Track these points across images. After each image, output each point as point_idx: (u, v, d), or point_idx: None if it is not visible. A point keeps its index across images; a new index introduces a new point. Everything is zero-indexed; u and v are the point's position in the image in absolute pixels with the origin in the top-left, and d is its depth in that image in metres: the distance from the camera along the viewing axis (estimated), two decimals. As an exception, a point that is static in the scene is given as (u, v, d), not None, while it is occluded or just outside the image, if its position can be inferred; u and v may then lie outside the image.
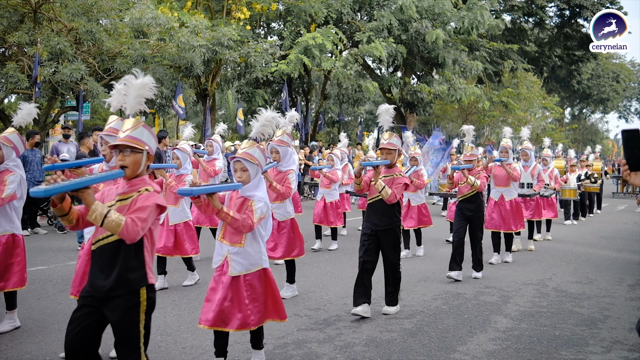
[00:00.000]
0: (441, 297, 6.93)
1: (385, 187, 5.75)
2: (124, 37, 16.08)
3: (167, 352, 4.83)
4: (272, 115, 4.59)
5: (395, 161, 5.99)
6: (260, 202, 4.14)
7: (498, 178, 9.10)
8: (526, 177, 10.21)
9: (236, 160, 4.22)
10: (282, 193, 6.30)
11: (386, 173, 5.97)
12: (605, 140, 73.72)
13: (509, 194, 9.03)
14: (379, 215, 5.93)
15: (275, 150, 6.44)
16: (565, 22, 34.93)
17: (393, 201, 5.79)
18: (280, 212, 6.55)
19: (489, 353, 4.98)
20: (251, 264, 4.22)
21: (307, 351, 4.91)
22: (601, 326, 5.86)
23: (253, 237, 4.23)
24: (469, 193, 7.84)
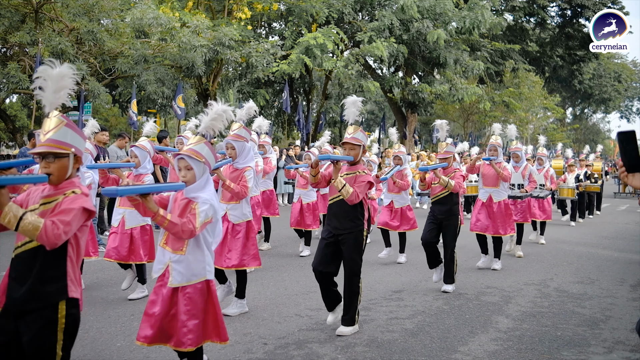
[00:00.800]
0: (442, 297, 6.92)
1: (345, 185, 5.12)
2: (125, 37, 16.09)
3: (167, 352, 4.81)
4: (223, 108, 4.19)
5: (359, 158, 5.43)
6: (205, 204, 3.69)
7: (486, 177, 8.52)
8: (517, 178, 9.76)
9: (180, 157, 3.82)
10: (236, 193, 5.68)
11: (348, 170, 5.41)
12: (606, 140, 73.71)
13: (498, 195, 8.44)
14: (340, 217, 5.33)
15: (231, 145, 5.85)
16: (567, 22, 34.91)
17: (355, 201, 5.17)
18: (235, 213, 5.84)
19: (491, 353, 4.96)
20: (193, 275, 3.75)
21: (308, 351, 4.90)
22: (603, 326, 5.85)
23: (196, 244, 3.78)
24: (441, 194, 7.16)
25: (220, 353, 4.81)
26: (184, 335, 3.69)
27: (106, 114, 31.37)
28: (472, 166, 8.49)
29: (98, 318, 5.69)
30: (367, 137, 5.52)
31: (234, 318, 5.82)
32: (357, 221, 5.32)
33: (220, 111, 4.18)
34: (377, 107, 49.59)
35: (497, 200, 8.44)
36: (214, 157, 3.96)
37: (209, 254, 3.85)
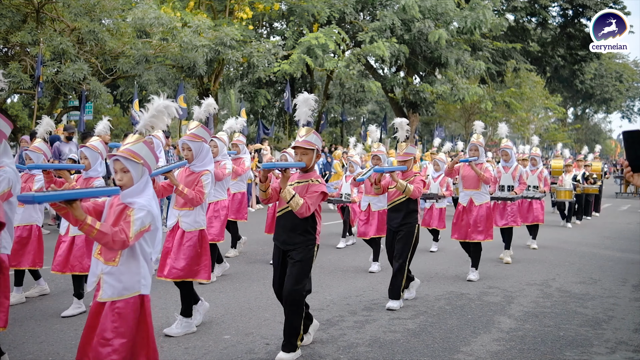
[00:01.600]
0: (444, 297, 6.91)
1: (295, 196, 4.49)
2: (127, 37, 16.11)
3: (170, 352, 4.81)
4: (165, 103, 3.73)
5: (313, 163, 4.77)
6: (141, 210, 3.37)
7: (466, 180, 7.87)
8: (506, 179, 9.24)
9: (115, 159, 3.45)
10: (190, 199, 5.18)
11: (300, 178, 4.75)
12: (608, 140, 73.65)
13: (479, 198, 7.79)
14: (288, 231, 4.72)
15: (187, 146, 5.34)
16: (568, 21, 34.89)
17: (305, 214, 4.52)
18: (187, 220, 5.34)
19: (493, 354, 4.95)
20: (125, 288, 3.41)
21: (311, 352, 4.90)
22: (605, 327, 5.83)
23: (131, 255, 3.45)
24: (397, 200, 6.44)
25: (222, 353, 4.81)
26: (107, 356, 3.32)
27: (107, 113, 31.38)
28: (451, 169, 7.77)
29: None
30: (321, 140, 4.86)
31: (236, 318, 5.82)
32: (308, 235, 4.71)
33: (162, 107, 3.72)
34: (378, 107, 49.57)
35: (479, 203, 7.77)
36: (155, 157, 3.62)
37: (146, 266, 3.51)
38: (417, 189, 6.30)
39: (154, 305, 6.04)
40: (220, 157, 7.22)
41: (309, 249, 4.72)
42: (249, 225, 10.68)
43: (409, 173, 6.48)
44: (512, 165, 9.33)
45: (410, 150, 6.48)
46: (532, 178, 10.70)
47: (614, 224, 15.68)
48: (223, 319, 5.81)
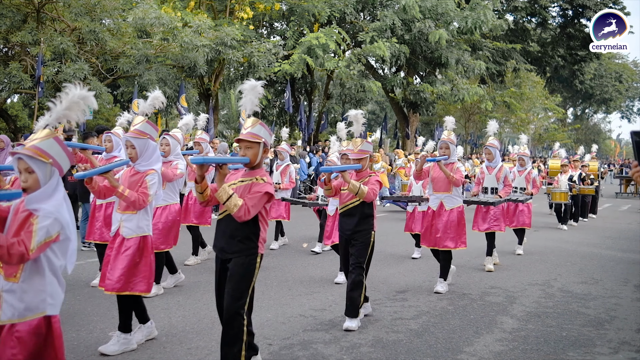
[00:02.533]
0: (446, 297, 6.91)
1: (232, 196, 3.87)
2: (127, 37, 16.11)
3: (172, 352, 4.81)
4: (81, 94, 3.18)
5: (258, 159, 4.15)
6: (46, 218, 2.90)
7: (437, 181, 7.14)
8: (490, 180, 8.59)
9: (18, 157, 2.99)
10: (132, 201, 4.65)
11: (245, 176, 4.17)
12: (607, 140, 73.73)
13: (451, 202, 7.08)
14: (227, 237, 4.12)
15: (130, 143, 4.84)
16: (568, 22, 34.94)
17: (244, 217, 3.90)
18: (128, 225, 4.79)
19: (496, 354, 4.95)
20: (27, 309, 2.92)
21: (313, 352, 4.89)
22: (608, 327, 5.83)
23: (35, 270, 2.96)
24: (350, 203, 5.68)
25: (225, 353, 4.79)
26: None
27: (107, 114, 31.38)
28: (420, 170, 7.06)
29: (102, 318, 5.67)
30: (270, 133, 4.27)
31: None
32: (249, 243, 4.09)
33: (77, 98, 3.17)
34: (379, 107, 49.61)
35: (449, 207, 7.07)
36: (68, 156, 3.14)
37: (55, 282, 3.04)
38: (371, 190, 5.50)
39: (156, 305, 6.06)
40: (172, 156, 6.66)
41: (249, 259, 4.10)
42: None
43: (363, 173, 5.74)
44: (496, 166, 8.63)
45: (365, 147, 5.73)
46: (519, 179, 10.15)
47: (614, 224, 15.67)
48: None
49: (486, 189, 8.67)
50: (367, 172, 5.77)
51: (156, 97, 5.29)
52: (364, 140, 5.75)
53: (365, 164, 5.74)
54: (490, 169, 8.69)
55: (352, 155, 5.72)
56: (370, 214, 5.71)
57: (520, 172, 10.24)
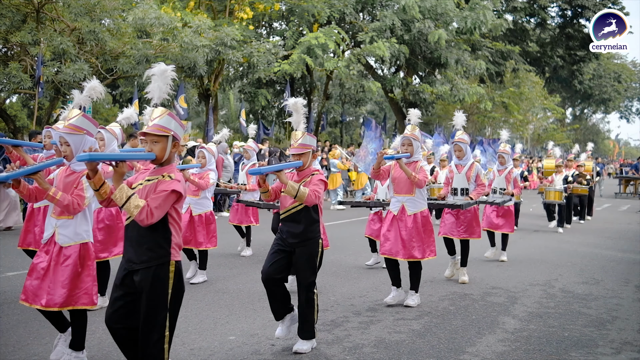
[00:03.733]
0: (448, 297, 6.91)
1: (131, 197, 3.37)
2: (127, 37, 16.10)
3: (175, 353, 4.80)
4: None
5: (167, 155, 3.63)
6: None
7: (398, 182, 6.35)
8: (460, 180, 7.66)
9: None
10: (65, 205, 4.12)
11: (151, 175, 3.66)
12: (606, 140, 73.82)
13: (413, 205, 6.30)
14: (135, 245, 3.58)
15: (64, 140, 4.26)
16: (567, 22, 35.01)
17: (146, 221, 3.39)
18: (65, 233, 4.26)
19: (499, 354, 4.95)
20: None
21: (316, 352, 4.89)
22: (610, 327, 5.84)
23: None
24: (292, 208, 4.88)
25: (228, 354, 4.80)
26: None
27: (106, 114, 31.39)
28: (377, 169, 6.29)
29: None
30: (182, 126, 3.75)
31: (240, 319, 5.80)
32: (159, 250, 3.56)
33: None
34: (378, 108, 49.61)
35: (412, 212, 6.30)
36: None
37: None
38: (313, 192, 4.70)
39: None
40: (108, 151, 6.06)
41: (160, 269, 3.54)
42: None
43: (306, 171, 4.93)
44: (466, 164, 7.65)
45: (306, 141, 4.91)
46: (499, 179, 9.52)
47: (614, 224, 15.69)
48: (227, 319, 5.79)
49: (455, 190, 7.71)
50: (309, 170, 4.95)
51: (93, 88, 4.61)
52: (306, 133, 4.93)
53: (307, 160, 4.95)
54: (459, 167, 7.71)
55: (291, 150, 4.90)
56: (316, 220, 4.92)
57: (500, 172, 9.59)
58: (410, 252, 6.26)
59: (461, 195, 7.62)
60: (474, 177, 7.61)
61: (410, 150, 6.32)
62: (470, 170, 7.62)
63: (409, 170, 6.19)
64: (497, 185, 9.54)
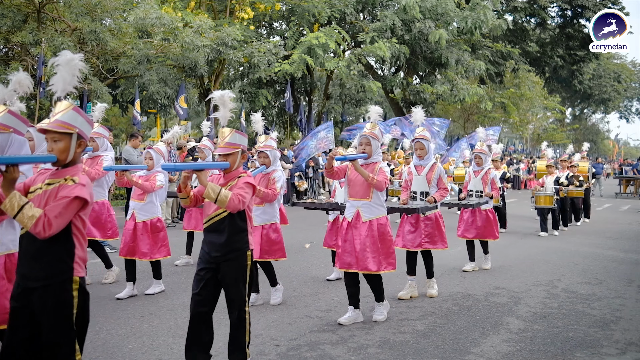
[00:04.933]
0: (451, 298, 6.91)
1: (24, 207, 2.91)
2: (128, 37, 16.11)
3: (180, 353, 4.79)
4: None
5: (71, 154, 3.16)
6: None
7: (353, 185, 5.65)
8: (419, 183, 6.76)
9: None
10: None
11: (51, 177, 3.18)
12: (606, 140, 73.88)
13: (369, 211, 5.59)
14: (31, 260, 3.09)
15: None
16: (567, 22, 35.04)
17: (44, 233, 2.92)
18: None
19: (504, 355, 4.95)
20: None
21: (321, 353, 4.88)
22: (614, 327, 5.83)
23: None
24: (215, 215, 4.19)
25: (233, 355, 4.79)
26: None
27: (106, 113, 31.39)
28: (329, 169, 5.56)
29: (107, 319, 5.66)
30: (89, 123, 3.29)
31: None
32: (60, 265, 3.08)
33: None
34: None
35: (368, 219, 5.59)
36: None
37: None
38: (237, 197, 3.99)
39: (161, 306, 6.07)
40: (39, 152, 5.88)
41: (61, 289, 3.07)
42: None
43: (232, 174, 4.28)
44: (427, 164, 6.85)
45: (235, 140, 4.29)
46: (475, 181, 8.69)
47: (615, 225, 15.69)
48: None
49: (414, 195, 6.84)
50: (237, 172, 4.31)
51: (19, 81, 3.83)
52: (234, 131, 4.32)
53: (235, 161, 4.29)
54: (419, 168, 6.85)
55: (217, 150, 4.29)
56: (243, 228, 4.23)
57: (476, 173, 8.73)
58: (364, 264, 5.52)
59: (420, 200, 6.77)
60: (435, 179, 6.80)
61: (368, 150, 5.60)
62: (432, 171, 6.80)
63: (366, 172, 5.46)
64: (473, 187, 8.71)
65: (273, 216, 6.27)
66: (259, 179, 5.97)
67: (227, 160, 4.24)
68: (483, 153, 8.75)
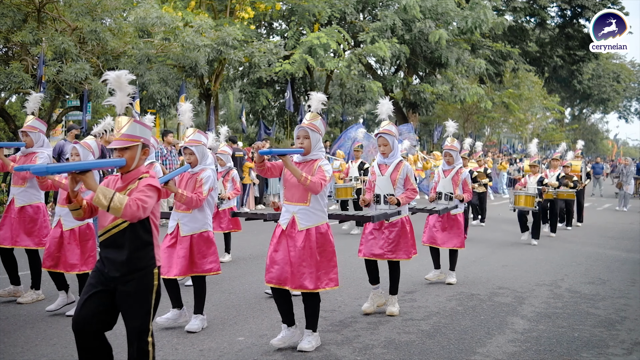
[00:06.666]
0: (455, 297, 6.89)
1: None
2: (129, 37, 16.03)
3: (185, 354, 4.77)
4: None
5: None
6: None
7: (288, 187, 4.82)
8: (383, 184, 5.98)
9: None
10: None
11: None
12: (605, 140, 73.91)
13: (307, 218, 4.73)
14: None
15: None
16: (567, 22, 35.04)
17: None
18: None
19: (510, 355, 4.93)
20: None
21: (327, 353, 4.86)
22: (619, 327, 5.82)
23: None
24: (113, 227, 3.47)
25: (238, 355, 4.77)
26: None
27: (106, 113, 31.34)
28: (259, 162, 4.67)
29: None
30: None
31: (249, 320, 5.77)
32: None
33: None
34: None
35: (304, 227, 4.72)
36: None
37: None
38: (135, 202, 3.27)
39: (165, 307, 6.02)
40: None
41: None
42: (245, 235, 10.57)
43: (132, 174, 3.50)
44: (392, 162, 5.99)
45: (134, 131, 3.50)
46: (444, 181, 7.67)
47: (616, 224, 15.69)
48: (235, 320, 5.77)
49: (378, 198, 6.01)
50: (138, 171, 3.52)
51: None
52: (133, 120, 3.53)
53: (134, 157, 3.48)
54: (383, 167, 6.03)
55: (112, 144, 3.50)
56: (147, 241, 3.51)
57: (446, 172, 7.71)
58: (299, 281, 4.67)
59: (385, 204, 5.95)
60: (401, 180, 5.95)
61: (306, 144, 4.75)
62: (397, 171, 5.94)
63: (298, 171, 4.59)
64: (442, 188, 7.67)
65: (204, 223, 5.37)
66: (185, 180, 5.30)
67: (123, 156, 3.46)
68: (453, 150, 7.70)
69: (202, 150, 5.41)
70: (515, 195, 11.15)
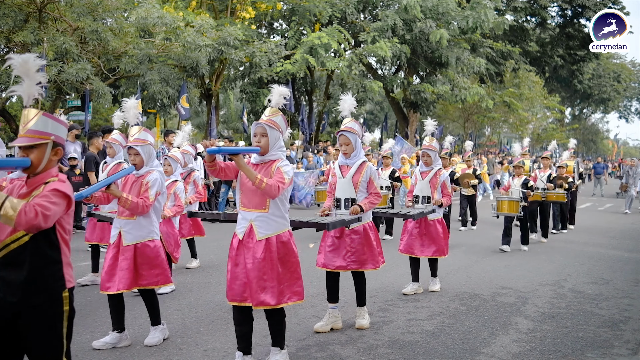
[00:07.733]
0: (459, 297, 6.88)
1: None
2: (130, 37, 16.06)
3: (189, 354, 4.77)
4: None
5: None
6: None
7: (245, 191, 4.25)
8: (344, 187, 5.41)
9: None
10: None
11: None
12: (605, 140, 73.94)
13: (266, 226, 4.20)
14: None
15: None
16: (567, 22, 35.06)
17: None
18: None
19: (515, 355, 4.92)
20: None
21: (331, 353, 4.85)
22: (623, 327, 5.81)
23: None
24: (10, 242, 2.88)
25: (242, 355, 4.75)
26: None
27: (106, 113, 31.34)
28: (210, 162, 4.09)
29: None
30: None
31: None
32: None
33: None
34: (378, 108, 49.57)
35: (263, 236, 4.19)
36: None
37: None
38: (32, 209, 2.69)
39: (168, 307, 6.03)
40: None
41: None
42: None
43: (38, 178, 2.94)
44: (354, 163, 5.43)
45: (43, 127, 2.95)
46: (421, 184, 7.10)
47: (617, 225, 15.68)
48: (239, 320, 5.75)
49: (339, 202, 5.45)
50: (46, 174, 2.96)
51: None
52: (43, 113, 2.96)
53: (42, 158, 2.93)
54: (344, 169, 5.47)
55: (17, 140, 2.93)
56: (55, 260, 2.93)
57: (423, 174, 7.13)
58: (258, 297, 4.15)
59: (345, 209, 5.38)
60: (364, 182, 5.38)
61: (263, 142, 4.23)
62: (359, 173, 5.39)
63: (252, 172, 4.04)
64: (419, 192, 7.14)
65: (150, 231, 4.89)
66: (129, 184, 4.89)
67: (28, 156, 2.90)
68: (432, 150, 7.09)
69: (148, 151, 4.94)
70: (498, 201, 10.32)
